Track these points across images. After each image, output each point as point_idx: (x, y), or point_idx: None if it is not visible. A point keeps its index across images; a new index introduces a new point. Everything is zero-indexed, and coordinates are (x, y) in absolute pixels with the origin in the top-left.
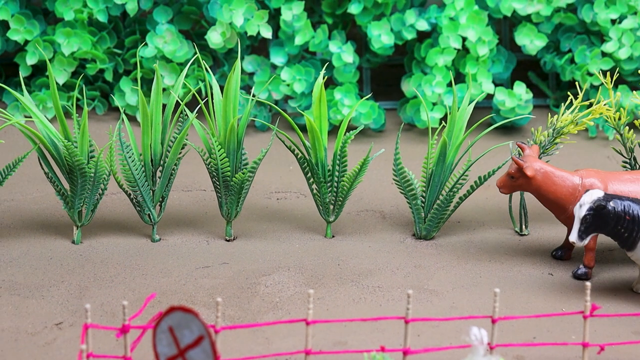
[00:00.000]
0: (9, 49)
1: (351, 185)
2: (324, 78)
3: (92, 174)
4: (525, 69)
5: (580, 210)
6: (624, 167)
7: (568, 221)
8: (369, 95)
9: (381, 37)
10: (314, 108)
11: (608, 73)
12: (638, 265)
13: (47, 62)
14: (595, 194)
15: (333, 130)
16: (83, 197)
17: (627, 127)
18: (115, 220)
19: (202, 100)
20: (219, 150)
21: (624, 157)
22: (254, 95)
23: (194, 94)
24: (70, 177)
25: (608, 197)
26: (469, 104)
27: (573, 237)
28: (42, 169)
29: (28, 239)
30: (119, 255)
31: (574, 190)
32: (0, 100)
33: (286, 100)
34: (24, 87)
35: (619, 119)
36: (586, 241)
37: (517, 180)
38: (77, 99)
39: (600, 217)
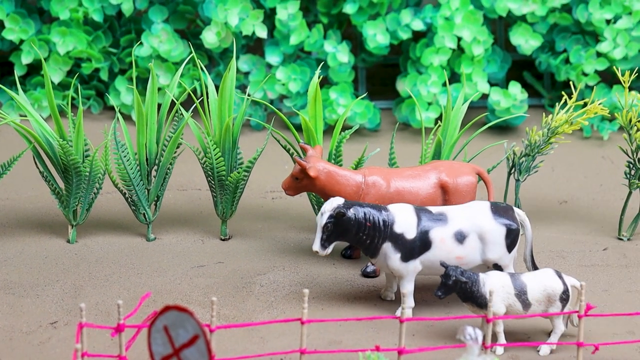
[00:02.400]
0: (4, 48)
1: None
2: (319, 77)
3: (87, 173)
4: (520, 68)
5: (322, 219)
6: (627, 167)
7: None
8: (364, 94)
9: (376, 36)
10: (309, 107)
11: (627, 72)
12: (385, 273)
13: (43, 61)
14: (336, 202)
15: (329, 129)
16: (78, 196)
17: (635, 128)
18: (110, 220)
19: (198, 99)
20: (214, 150)
21: (628, 156)
22: (249, 95)
23: (189, 94)
24: (65, 176)
25: (348, 204)
26: (463, 104)
27: (316, 246)
28: (37, 168)
29: (23, 238)
30: (114, 254)
31: (357, 188)
32: None
33: (281, 99)
34: (19, 86)
35: (630, 119)
36: (329, 250)
37: (301, 182)
38: (72, 98)
39: (342, 225)
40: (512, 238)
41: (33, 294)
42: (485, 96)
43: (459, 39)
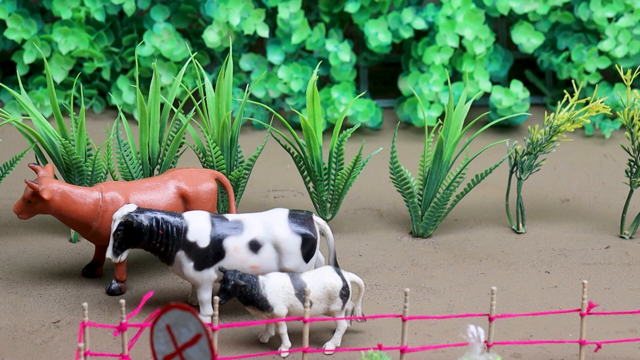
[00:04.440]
0: (6, 47)
1: (345, 183)
2: (318, 76)
3: (90, 172)
4: (522, 67)
5: (113, 226)
6: (629, 165)
7: (93, 238)
8: (363, 92)
9: (378, 35)
10: (308, 107)
11: (629, 70)
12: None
13: (45, 60)
14: (127, 209)
15: (330, 128)
16: None
17: (636, 126)
18: None
19: (201, 99)
20: (213, 148)
21: (630, 155)
22: (251, 96)
23: (189, 93)
24: (68, 176)
25: (140, 211)
26: (465, 103)
27: (109, 253)
28: None
29: (26, 238)
30: None
31: (95, 206)
32: None
33: (283, 98)
34: (21, 85)
35: (632, 117)
36: (123, 257)
37: (35, 205)
38: (75, 98)
39: (132, 232)
40: (308, 248)
41: (36, 293)
42: (487, 95)
43: (461, 37)
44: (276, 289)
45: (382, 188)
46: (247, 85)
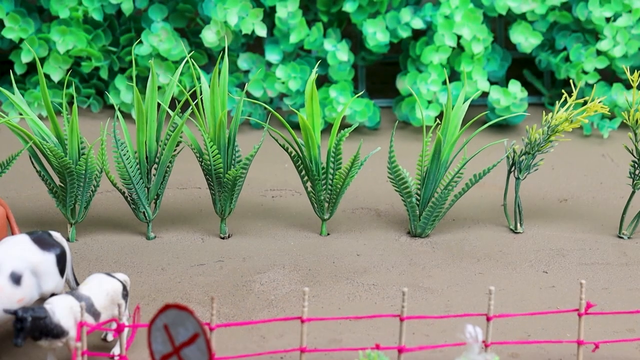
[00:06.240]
0: (4, 46)
1: (343, 182)
2: (316, 75)
3: (83, 172)
4: (520, 67)
5: None
6: (632, 166)
7: None
8: (362, 92)
9: (376, 35)
10: (307, 106)
11: (636, 72)
12: None
13: (37, 60)
14: None
15: (329, 128)
16: (74, 195)
17: None
18: (110, 218)
19: (198, 98)
20: (211, 147)
21: (633, 156)
22: (249, 95)
23: (186, 94)
24: (62, 177)
25: None
26: (464, 102)
27: None
28: (34, 167)
29: None
30: (114, 252)
31: None
32: None
33: (281, 97)
34: (14, 84)
35: (637, 119)
36: None
37: None
38: (71, 97)
39: None
40: (62, 263)
41: None
42: (485, 94)
43: (459, 37)
44: (66, 312)
45: (380, 188)
46: (245, 84)
